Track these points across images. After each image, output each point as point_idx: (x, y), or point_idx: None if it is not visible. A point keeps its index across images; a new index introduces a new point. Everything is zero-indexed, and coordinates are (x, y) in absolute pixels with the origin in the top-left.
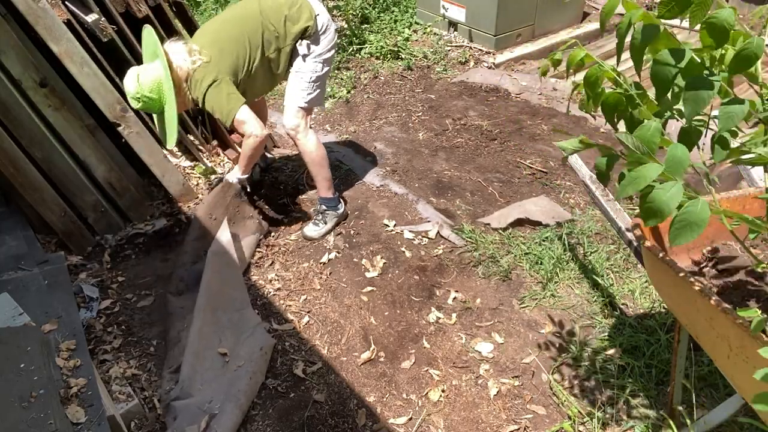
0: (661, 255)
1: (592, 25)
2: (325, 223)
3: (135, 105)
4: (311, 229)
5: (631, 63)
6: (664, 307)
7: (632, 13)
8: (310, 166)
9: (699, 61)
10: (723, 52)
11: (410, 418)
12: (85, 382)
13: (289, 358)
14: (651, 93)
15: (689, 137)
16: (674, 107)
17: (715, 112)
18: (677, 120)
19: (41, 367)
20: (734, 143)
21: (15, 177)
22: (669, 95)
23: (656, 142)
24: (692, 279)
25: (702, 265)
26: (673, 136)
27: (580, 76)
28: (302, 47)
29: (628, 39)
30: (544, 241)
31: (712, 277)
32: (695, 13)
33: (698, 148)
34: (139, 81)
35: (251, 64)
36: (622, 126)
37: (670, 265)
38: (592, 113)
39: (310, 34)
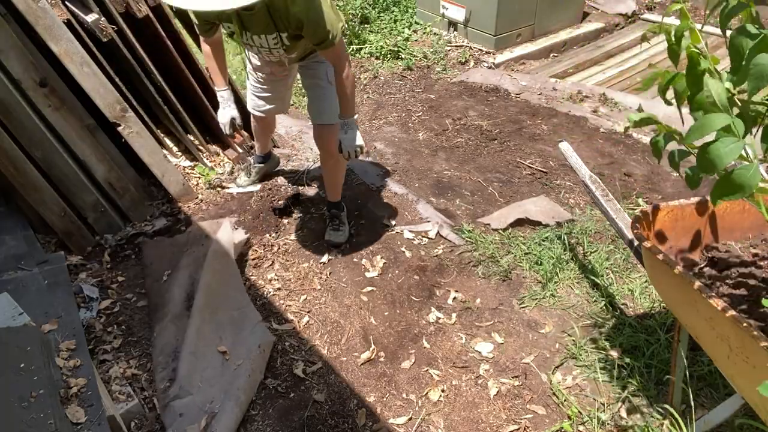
0: (661, 255)
1: (592, 25)
2: (345, 225)
3: None
4: (337, 235)
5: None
6: (664, 307)
7: None
8: (337, 166)
9: None
10: None
11: (410, 418)
12: (85, 382)
13: (289, 358)
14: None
15: (744, 120)
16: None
17: None
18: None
19: (41, 367)
20: None
21: (15, 177)
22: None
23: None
24: (692, 279)
25: (701, 265)
26: None
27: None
28: None
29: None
30: (544, 241)
31: (711, 277)
32: None
33: (752, 135)
34: None
35: None
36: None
37: (670, 264)
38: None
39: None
